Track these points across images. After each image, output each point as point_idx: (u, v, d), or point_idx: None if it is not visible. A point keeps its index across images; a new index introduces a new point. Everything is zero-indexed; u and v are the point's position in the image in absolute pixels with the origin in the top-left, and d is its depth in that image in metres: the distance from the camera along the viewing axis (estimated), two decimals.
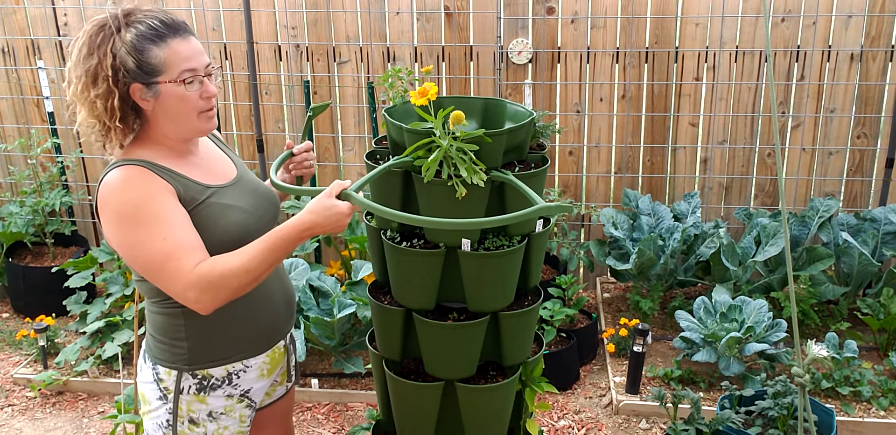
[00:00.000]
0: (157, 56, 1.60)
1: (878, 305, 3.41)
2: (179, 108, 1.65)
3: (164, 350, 1.78)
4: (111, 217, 1.61)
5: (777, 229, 3.57)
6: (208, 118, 1.71)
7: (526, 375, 2.10)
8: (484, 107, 2.05)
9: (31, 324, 3.74)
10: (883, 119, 3.86)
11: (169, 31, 1.61)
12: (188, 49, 1.63)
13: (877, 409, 3.10)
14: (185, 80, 1.63)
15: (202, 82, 1.66)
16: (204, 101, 1.68)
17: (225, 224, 1.70)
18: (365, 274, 3.46)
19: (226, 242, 1.69)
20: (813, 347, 2.04)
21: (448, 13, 3.92)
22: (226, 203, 1.73)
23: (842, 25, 3.74)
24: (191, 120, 1.69)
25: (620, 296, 4.08)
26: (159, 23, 1.61)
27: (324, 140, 4.17)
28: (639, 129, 4.03)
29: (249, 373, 1.84)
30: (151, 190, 1.62)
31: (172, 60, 1.61)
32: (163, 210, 1.61)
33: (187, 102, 1.65)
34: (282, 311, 1.90)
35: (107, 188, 1.62)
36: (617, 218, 3.82)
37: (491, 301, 1.94)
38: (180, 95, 1.64)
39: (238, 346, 1.80)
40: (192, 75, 1.63)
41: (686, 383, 3.30)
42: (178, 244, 1.60)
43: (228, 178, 1.81)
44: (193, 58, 1.64)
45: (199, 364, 1.77)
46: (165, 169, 1.68)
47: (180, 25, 1.64)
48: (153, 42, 1.60)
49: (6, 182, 4.39)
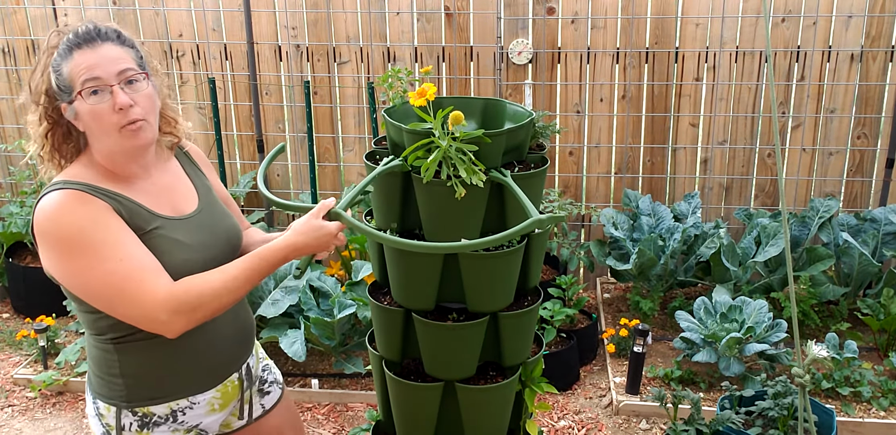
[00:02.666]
0: (65, 71, 1.48)
1: (878, 306, 3.41)
2: (95, 126, 1.50)
3: (102, 385, 1.66)
4: (51, 244, 1.46)
5: (777, 230, 3.56)
6: (132, 133, 1.51)
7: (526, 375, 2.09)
8: (483, 107, 2.05)
9: (31, 324, 3.74)
10: (883, 119, 3.86)
11: (79, 42, 1.48)
12: (93, 57, 1.48)
13: (877, 409, 3.10)
14: (83, 92, 1.47)
15: (112, 93, 1.48)
16: (118, 115, 1.49)
17: (167, 261, 1.55)
18: (365, 274, 3.46)
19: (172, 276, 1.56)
20: (813, 347, 2.04)
21: (448, 13, 3.93)
22: (173, 238, 1.59)
23: (842, 26, 3.74)
24: (111, 137, 1.51)
25: (620, 296, 4.08)
26: (73, 35, 1.49)
27: (324, 140, 4.18)
28: (639, 130, 4.03)
29: (197, 409, 1.71)
30: (93, 212, 1.48)
31: (75, 73, 1.47)
32: (111, 231, 1.48)
33: (99, 118, 1.49)
34: (233, 343, 1.77)
35: (42, 214, 1.47)
36: (617, 218, 3.81)
37: (491, 301, 1.94)
38: (89, 111, 1.48)
39: (180, 383, 1.67)
40: (93, 85, 1.47)
41: (686, 384, 3.29)
42: (137, 264, 1.47)
43: (184, 212, 1.66)
44: (97, 66, 1.47)
45: (137, 401, 1.64)
46: (108, 191, 1.54)
47: (94, 34, 1.50)
48: (63, 57, 1.49)
49: (6, 182, 4.39)
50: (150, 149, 1.62)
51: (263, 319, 3.43)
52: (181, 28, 4.09)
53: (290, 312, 3.37)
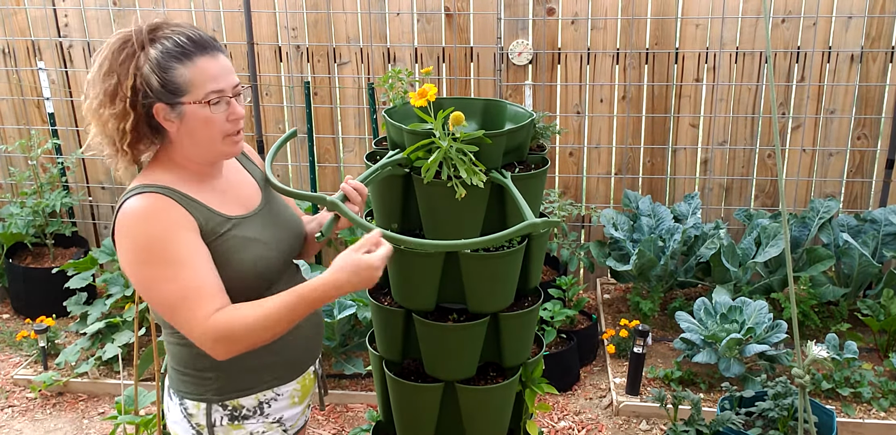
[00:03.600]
0: (183, 75, 1.49)
1: (878, 307, 3.41)
2: (203, 131, 1.55)
3: (189, 382, 1.68)
4: (128, 248, 1.51)
5: (777, 230, 3.57)
6: (234, 142, 1.59)
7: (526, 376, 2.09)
8: (484, 108, 2.05)
9: (31, 325, 3.74)
10: (883, 120, 3.86)
11: (196, 49, 1.51)
12: (216, 68, 1.53)
13: (877, 410, 3.10)
14: (211, 102, 1.52)
15: (229, 103, 1.55)
16: (230, 124, 1.56)
17: (243, 259, 1.60)
18: None
19: (244, 278, 1.60)
20: (813, 348, 2.04)
21: (448, 14, 3.93)
22: (246, 236, 1.63)
23: (842, 26, 3.74)
24: (215, 144, 1.58)
25: (621, 297, 4.08)
26: (186, 39, 1.51)
27: (324, 141, 4.18)
28: (639, 131, 4.03)
29: (280, 401, 1.75)
30: (172, 224, 1.52)
31: (198, 80, 1.50)
32: (183, 248, 1.51)
33: (212, 125, 1.54)
34: (311, 336, 1.81)
35: (126, 217, 1.51)
36: (617, 219, 3.82)
37: (491, 302, 1.94)
38: (205, 118, 1.53)
39: (267, 374, 1.71)
40: (218, 96, 1.53)
41: (686, 384, 3.29)
42: (195, 288, 1.50)
43: (251, 207, 1.70)
44: (221, 77, 1.53)
45: (228, 394, 1.67)
46: (188, 197, 1.57)
47: (208, 42, 1.53)
48: (178, 60, 1.49)
49: (7, 183, 4.39)
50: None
51: None
52: None
53: None
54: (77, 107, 4.29)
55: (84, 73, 4.35)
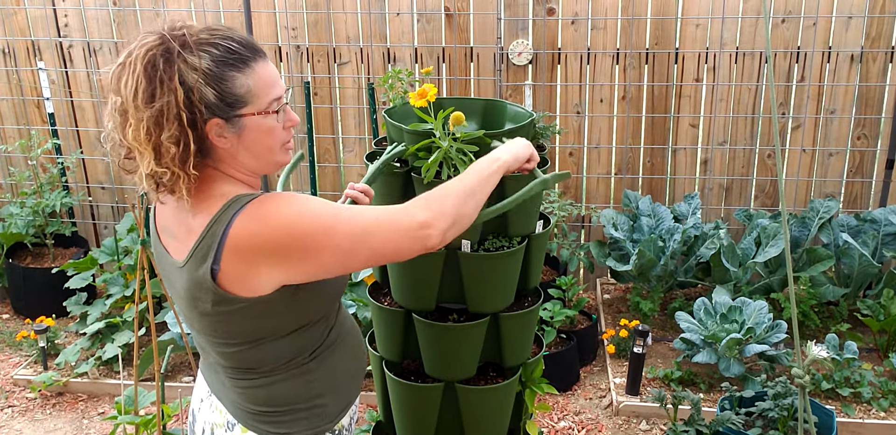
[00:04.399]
0: (244, 84, 1.33)
1: (878, 307, 3.41)
2: (265, 143, 1.39)
3: (303, 418, 1.52)
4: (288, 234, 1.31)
5: (777, 230, 3.57)
6: (287, 151, 1.46)
7: (526, 376, 2.10)
8: (484, 108, 2.05)
9: (31, 325, 3.74)
10: (883, 120, 3.86)
11: (252, 54, 1.35)
12: (273, 73, 1.38)
13: (877, 410, 3.10)
14: (278, 110, 1.38)
15: (285, 111, 1.41)
16: (286, 132, 1.43)
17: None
18: (365, 275, 3.46)
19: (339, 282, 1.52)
20: (813, 348, 2.04)
21: (448, 14, 3.93)
22: None
23: (842, 26, 3.74)
24: (274, 154, 1.42)
25: (621, 297, 4.08)
26: (238, 44, 1.34)
27: (324, 141, 4.18)
28: (639, 131, 4.03)
29: (354, 414, 1.68)
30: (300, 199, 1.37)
31: (260, 88, 1.35)
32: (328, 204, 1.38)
33: (274, 135, 1.39)
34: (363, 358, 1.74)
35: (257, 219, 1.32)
36: (617, 219, 3.82)
37: (491, 302, 1.94)
38: (268, 128, 1.38)
39: (355, 385, 1.63)
40: (279, 104, 1.38)
41: (686, 384, 3.29)
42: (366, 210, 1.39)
43: None
44: (278, 83, 1.39)
45: (335, 416, 1.56)
46: None
47: (257, 46, 1.38)
48: (237, 68, 1.32)
49: (6, 183, 4.39)
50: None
51: None
52: None
53: None
54: (76, 106, 4.29)
55: (84, 74, 4.38)
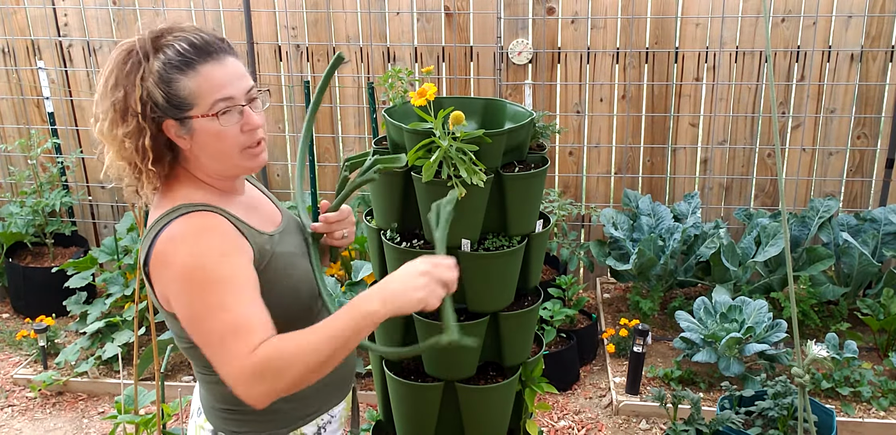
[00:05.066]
0: (187, 87, 1.34)
1: (878, 306, 3.41)
2: (216, 146, 1.39)
3: (251, 420, 1.50)
4: (177, 276, 1.32)
5: (777, 230, 3.57)
6: (253, 155, 1.42)
7: (526, 375, 2.10)
8: (484, 107, 2.05)
9: (31, 324, 3.74)
10: (883, 119, 3.86)
11: (199, 56, 1.35)
12: (222, 75, 1.36)
13: (877, 409, 3.10)
14: (219, 113, 1.36)
15: (242, 113, 1.38)
16: (246, 136, 1.40)
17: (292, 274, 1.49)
18: (365, 274, 3.46)
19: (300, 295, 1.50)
20: (813, 347, 2.04)
21: (448, 13, 3.93)
22: (287, 251, 1.51)
23: (842, 26, 3.74)
24: (232, 158, 1.41)
25: (620, 296, 4.08)
26: (188, 46, 1.35)
27: (324, 140, 4.17)
28: (639, 130, 4.03)
29: (334, 423, 1.63)
30: (227, 245, 1.36)
31: (203, 90, 1.34)
32: (237, 272, 1.35)
33: (225, 139, 1.38)
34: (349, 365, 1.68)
35: (172, 241, 1.34)
36: (617, 218, 3.82)
37: (491, 301, 1.94)
38: (216, 131, 1.36)
39: (324, 395, 1.58)
40: (227, 106, 1.36)
41: (686, 384, 3.30)
42: (246, 317, 1.31)
43: (278, 221, 1.57)
44: (229, 84, 1.36)
45: (293, 423, 1.53)
46: (234, 217, 1.43)
47: (213, 46, 1.37)
48: (181, 70, 1.34)
49: (6, 182, 4.39)
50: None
51: None
52: None
53: None
54: (76, 106, 4.29)
55: (84, 73, 4.37)
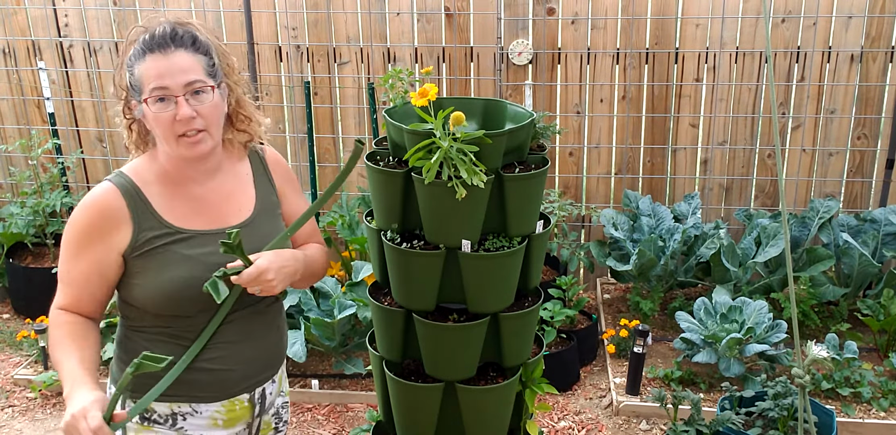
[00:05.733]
0: (138, 73, 1.52)
1: (878, 306, 3.41)
2: (157, 131, 1.56)
3: (117, 370, 1.71)
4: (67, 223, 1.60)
5: (777, 230, 3.57)
6: (189, 144, 1.55)
7: (526, 376, 2.09)
8: (484, 108, 2.05)
9: (31, 324, 3.74)
10: (883, 120, 3.86)
11: (151, 47, 1.52)
12: (164, 65, 1.51)
13: (877, 410, 3.10)
14: (149, 99, 1.51)
15: (177, 103, 1.51)
16: (179, 124, 1.53)
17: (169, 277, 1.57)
18: (365, 275, 3.46)
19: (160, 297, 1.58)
20: (813, 348, 2.04)
21: (448, 14, 3.93)
22: (188, 254, 1.58)
23: (842, 26, 3.74)
24: (170, 144, 1.56)
25: (621, 297, 4.08)
26: (149, 37, 1.53)
27: (324, 141, 4.18)
28: (639, 130, 4.03)
29: (198, 418, 1.68)
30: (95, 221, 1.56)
31: (146, 78, 1.52)
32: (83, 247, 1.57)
33: (159, 125, 1.53)
34: (250, 363, 1.71)
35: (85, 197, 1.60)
36: (617, 219, 3.82)
37: (491, 302, 1.94)
38: (152, 117, 1.53)
39: (183, 386, 1.62)
40: (161, 94, 1.51)
41: (686, 384, 3.30)
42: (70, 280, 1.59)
43: (226, 223, 1.65)
44: (167, 75, 1.51)
45: (141, 393, 1.57)
46: (142, 200, 1.58)
47: (168, 39, 1.53)
48: (137, 58, 1.53)
49: (7, 183, 4.39)
50: (207, 158, 1.63)
51: None
52: None
53: (290, 312, 3.38)
54: (77, 106, 4.29)
55: (84, 73, 4.37)
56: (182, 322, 1.62)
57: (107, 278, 1.60)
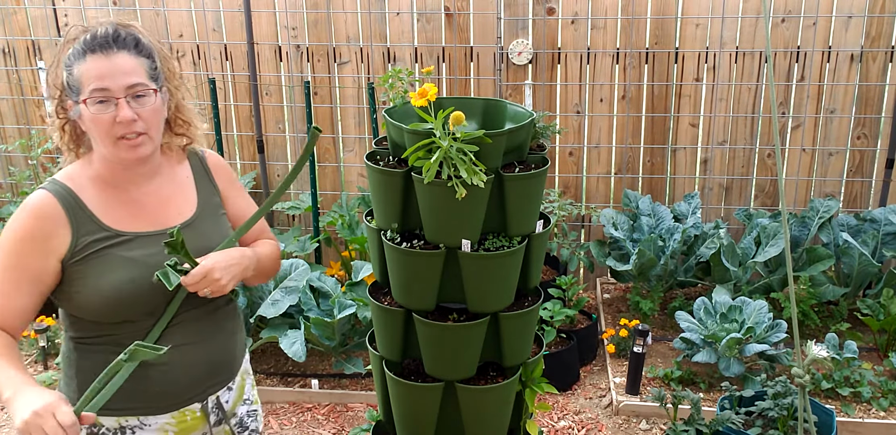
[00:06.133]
0: (77, 73, 1.49)
1: (878, 306, 3.41)
2: (94, 132, 1.52)
3: (63, 384, 1.66)
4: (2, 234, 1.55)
5: (777, 230, 3.57)
6: (129, 147, 1.52)
7: (526, 375, 2.09)
8: (484, 107, 2.05)
9: (31, 324, 3.74)
10: (883, 120, 3.86)
11: (93, 47, 1.49)
12: (106, 67, 1.48)
13: (877, 409, 3.10)
14: (88, 100, 1.48)
15: (117, 105, 1.48)
16: (119, 127, 1.49)
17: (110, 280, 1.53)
18: (365, 274, 3.46)
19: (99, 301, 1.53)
20: (813, 347, 2.04)
21: (448, 14, 3.93)
22: (128, 256, 1.55)
23: (842, 26, 3.74)
24: (108, 146, 1.53)
25: (620, 296, 4.08)
26: (90, 37, 1.50)
27: (324, 141, 4.18)
28: (639, 130, 4.03)
29: (147, 431, 1.63)
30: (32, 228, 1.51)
31: (85, 78, 1.48)
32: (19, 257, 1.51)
33: (98, 126, 1.50)
34: (198, 372, 1.66)
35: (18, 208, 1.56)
36: (617, 219, 3.82)
37: (491, 302, 1.94)
38: (90, 117, 1.49)
39: (128, 399, 1.58)
40: (101, 96, 1.48)
41: (686, 384, 3.30)
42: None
43: (165, 225, 1.62)
44: (108, 76, 1.48)
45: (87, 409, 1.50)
46: (79, 205, 1.54)
47: (111, 40, 1.50)
48: (77, 58, 1.49)
49: (6, 182, 4.39)
50: (146, 161, 1.61)
51: (263, 320, 3.43)
52: (181, 28, 4.09)
53: (290, 312, 3.38)
54: None
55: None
56: (128, 328, 1.58)
57: (39, 287, 1.53)
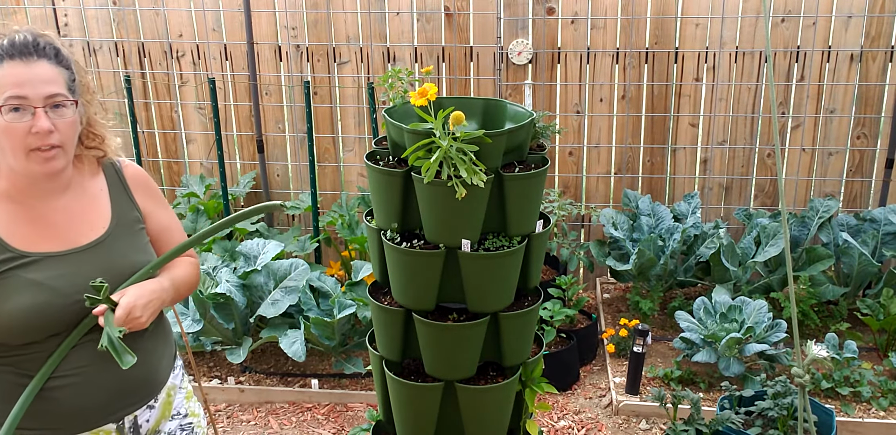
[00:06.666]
0: None
1: (877, 306, 3.41)
2: (5, 142, 1.43)
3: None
4: None
5: (777, 230, 3.57)
6: (43, 159, 1.44)
7: (526, 375, 2.10)
8: (484, 107, 2.05)
9: None
10: (883, 119, 3.86)
11: (12, 53, 1.42)
12: (25, 74, 1.41)
13: (877, 409, 3.10)
14: (3, 107, 1.39)
15: (34, 115, 1.41)
16: (33, 138, 1.42)
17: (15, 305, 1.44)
18: (365, 274, 3.46)
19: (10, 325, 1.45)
20: (813, 347, 2.04)
21: (448, 14, 3.93)
22: (33, 279, 1.47)
23: (842, 26, 3.74)
24: (17, 157, 1.44)
25: (620, 296, 4.08)
26: (8, 43, 1.42)
27: (324, 141, 4.18)
28: (639, 130, 4.03)
29: None
30: None
31: (2, 85, 1.40)
32: None
33: (10, 136, 1.41)
34: (109, 392, 1.59)
35: None
36: (617, 218, 3.82)
37: (491, 302, 1.94)
38: (2, 126, 1.40)
39: (32, 419, 1.51)
40: (16, 103, 1.40)
41: (686, 384, 3.30)
42: None
43: (76, 244, 1.54)
44: (27, 84, 1.41)
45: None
46: None
47: (31, 48, 1.43)
48: None
49: None
50: (58, 176, 1.54)
51: (263, 319, 3.43)
52: (181, 28, 4.09)
53: (289, 312, 3.38)
54: None
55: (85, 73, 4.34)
56: (34, 348, 1.50)
57: None
